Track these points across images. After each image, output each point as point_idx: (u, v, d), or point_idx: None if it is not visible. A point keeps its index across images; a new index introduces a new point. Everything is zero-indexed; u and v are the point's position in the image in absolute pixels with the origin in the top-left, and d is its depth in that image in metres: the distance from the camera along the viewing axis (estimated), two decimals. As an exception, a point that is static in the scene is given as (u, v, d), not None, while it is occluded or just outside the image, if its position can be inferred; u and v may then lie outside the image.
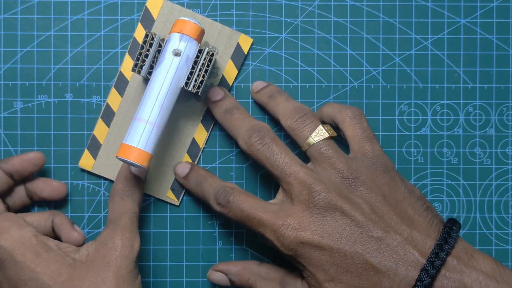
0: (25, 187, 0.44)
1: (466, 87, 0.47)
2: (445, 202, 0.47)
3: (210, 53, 0.41)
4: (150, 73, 0.41)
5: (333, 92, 0.46)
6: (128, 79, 0.45)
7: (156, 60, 0.41)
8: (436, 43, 0.47)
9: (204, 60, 0.41)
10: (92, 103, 0.46)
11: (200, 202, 0.46)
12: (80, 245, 0.43)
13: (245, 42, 0.46)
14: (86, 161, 0.45)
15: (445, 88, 0.47)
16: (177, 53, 0.40)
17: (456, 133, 0.47)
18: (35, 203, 0.46)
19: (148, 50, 0.41)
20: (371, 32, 0.46)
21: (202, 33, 0.41)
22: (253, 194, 0.46)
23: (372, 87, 0.47)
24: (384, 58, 0.47)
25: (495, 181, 0.47)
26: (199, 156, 0.46)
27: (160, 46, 0.41)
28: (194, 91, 0.41)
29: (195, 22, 0.41)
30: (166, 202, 0.46)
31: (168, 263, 0.46)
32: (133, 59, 0.45)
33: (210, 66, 0.41)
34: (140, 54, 0.41)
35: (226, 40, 0.46)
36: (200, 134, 0.46)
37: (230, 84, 0.46)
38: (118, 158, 0.40)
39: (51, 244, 0.40)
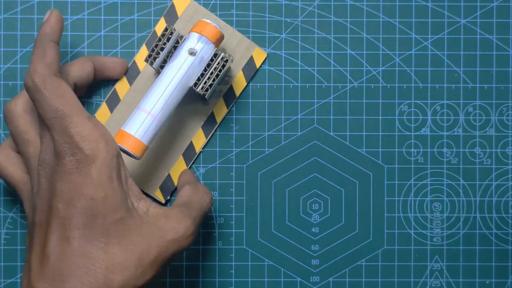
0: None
1: (466, 87, 0.47)
2: (445, 202, 0.47)
3: (225, 59, 0.41)
4: (162, 67, 0.41)
5: (333, 92, 0.47)
6: (140, 70, 0.45)
7: (171, 56, 0.41)
8: (436, 43, 0.47)
9: (217, 64, 0.41)
10: (92, 103, 0.46)
11: (200, 202, 0.46)
12: (125, 66, 0.44)
13: (259, 56, 0.46)
14: None
15: (445, 88, 0.47)
16: (192, 52, 0.40)
17: (456, 133, 0.47)
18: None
19: (164, 44, 0.41)
20: (371, 32, 0.46)
21: (221, 38, 0.41)
22: (253, 194, 0.47)
23: (372, 87, 0.47)
24: (384, 58, 0.47)
25: (495, 181, 0.47)
26: (193, 160, 0.46)
27: (177, 42, 0.41)
28: (201, 93, 0.41)
29: (216, 26, 0.41)
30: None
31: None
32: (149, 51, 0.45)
33: (222, 72, 0.41)
34: (156, 46, 0.41)
35: (243, 51, 0.46)
36: (199, 139, 0.46)
37: (237, 95, 0.46)
38: None
39: (123, 174, 0.36)
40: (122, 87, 0.45)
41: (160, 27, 0.46)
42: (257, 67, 0.46)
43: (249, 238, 0.47)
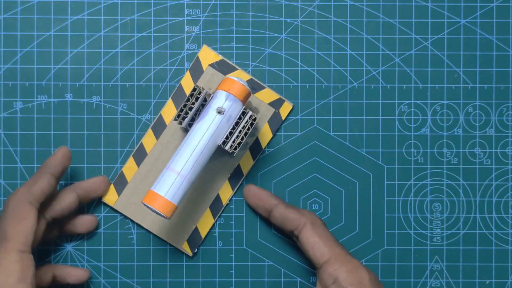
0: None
1: (466, 87, 0.47)
2: (445, 202, 0.47)
3: (253, 117, 0.41)
4: (190, 125, 0.41)
5: (333, 92, 0.47)
6: (167, 124, 0.46)
7: (199, 114, 0.41)
8: (436, 43, 0.47)
9: (246, 123, 0.41)
10: (92, 103, 0.46)
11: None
12: (108, 183, 0.45)
13: (285, 108, 0.46)
14: (110, 197, 0.46)
15: (445, 88, 0.47)
16: (220, 111, 0.40)
17: (456, 133, 0.47)
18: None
19: (193, 104, 0.41)
20: (371, 32, 0.46)
21: (248, 95, 0.42)
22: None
23: (372, 87, 0.47)
24: (384, 58, 0.47)
25: (495, 181, 0.47)
26: (220, 212, 0.46)
27: (205, 100, 0.41)
28: (230, 152, 0.41)
29: (243, 83, 0.41)
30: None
31: (168, 263, 0.46)
32: (175, 105, 0.46)
33: (251, 130, 0.41)
34: (185, 106, 0.41)
35: (269, 105, 0.46)
36: (225, 191, 0.46)
37: (263, 147, 0.46)
38: (143, 204, 0.40)
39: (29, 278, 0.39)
40: (149, 141, 0.46)
41: (186, 81, 0.46)
42: (283, 119, 0.46)
43: (249, 238, 0.47)
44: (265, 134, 0.46)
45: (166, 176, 0.40)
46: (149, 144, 0.46)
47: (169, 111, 0.46)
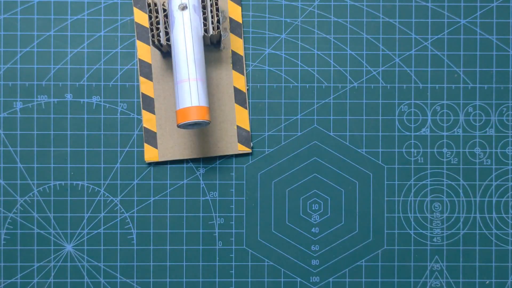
0: None
1: (466, 87, 0.47)
2: (445, 202, 0.47)
3: None
4: (168, 39, 0.42)
5: (333, 92, 0.47)
6: (150, 62, 0.46)
7: (168, 24, 0.41)
8: (436, 43, 0.47)
9: (211, 1, 0.41)
10: (92, 103, 0.46)
11: (200, 202, 0.46)
12: None
13: None
14: (150, 154, 0.46)
15: (445, 88, 0.47)
16: (183, 7, 0.40)
17: (456, 134, 0.47)
18: (34, 206, 0.46)
19: (157, 17, 0.41)
20: (371, 32, 0.46)
21: None
22: (253, 194, 0.47)
23: (372, 87, 0.47)
24: (384, 59, 0.47)
25: (495, 181, 0.47)
26: (248, 101, 0.46)
27: (164, 11, 0.41)
28: (216, 33, 0.41)
29: None
30: (166, 202, 0.46)
31: (168, 263, 0.46)
32: (145, 43, 0.45)
33: (219, 3, 0.41)
34: (152, 23, 0.41)
35: None
36: (238, 80, 0.46)
37: (241, 21, 0.46)
38: (179, 126, 0.40)
39: None
40: (146, 87, 0.46)
41: (138, 15, 0.46)
42: None
43: (249, 238, 0.47)
44: (235, 10, 0.46)
45: (180, 90, 0.40)
46: (148, 89, 0.46)
47: (143, 51, 0.46)
